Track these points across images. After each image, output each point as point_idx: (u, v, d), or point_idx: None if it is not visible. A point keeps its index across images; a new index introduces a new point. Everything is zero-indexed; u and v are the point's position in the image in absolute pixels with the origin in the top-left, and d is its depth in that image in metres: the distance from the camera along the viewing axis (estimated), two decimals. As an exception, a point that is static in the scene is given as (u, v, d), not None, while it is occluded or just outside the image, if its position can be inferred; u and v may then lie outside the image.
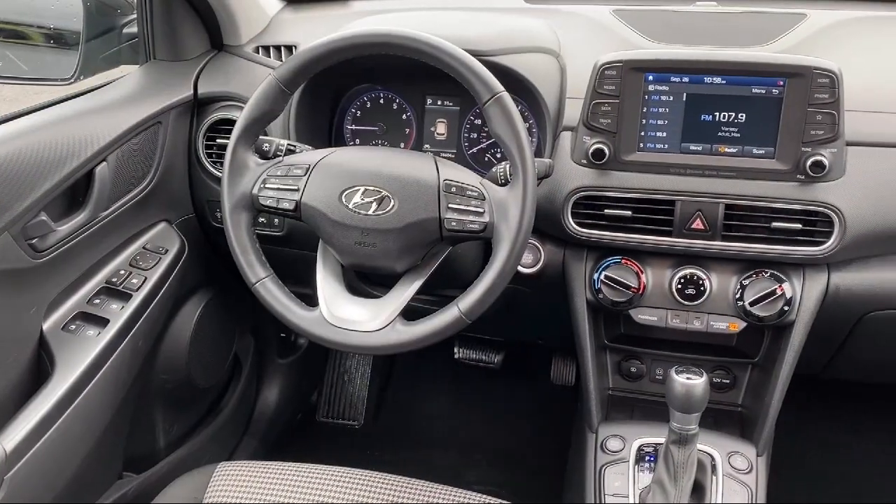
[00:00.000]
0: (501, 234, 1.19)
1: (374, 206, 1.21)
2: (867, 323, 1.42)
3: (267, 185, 1.26)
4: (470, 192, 1.20)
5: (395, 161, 1.25)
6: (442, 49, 1.19)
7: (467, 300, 1.20)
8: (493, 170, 1.26)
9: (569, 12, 1.64)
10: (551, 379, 2.13)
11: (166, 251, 1.57)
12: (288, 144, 1.33)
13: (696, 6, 1.64)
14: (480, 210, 1.20)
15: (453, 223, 1.20)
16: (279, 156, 1.31)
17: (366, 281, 1.58)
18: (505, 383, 2.34)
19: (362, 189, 1.22)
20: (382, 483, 1.22)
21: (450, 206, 1.20)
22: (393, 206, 1.20)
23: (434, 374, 2.40)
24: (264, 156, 1.32)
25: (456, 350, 2.19)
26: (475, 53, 1.23)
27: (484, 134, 1.59)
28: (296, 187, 1.25)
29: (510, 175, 1.21)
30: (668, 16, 1.61)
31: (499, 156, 1.59)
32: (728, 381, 1.55)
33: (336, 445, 2.27)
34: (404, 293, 1.25)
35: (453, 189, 1.21)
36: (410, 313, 1.26)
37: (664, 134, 1.33)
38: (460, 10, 1.69)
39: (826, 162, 1.26)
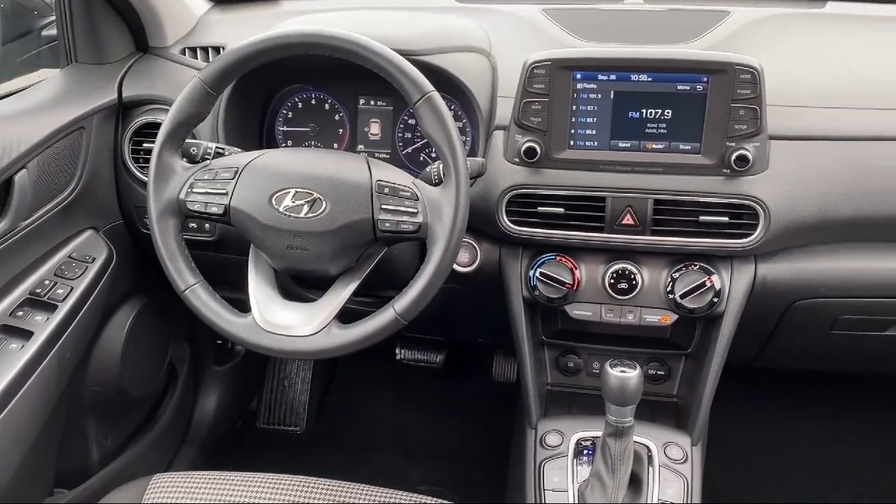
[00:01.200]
0: (435, 233, 1.19)
1: (305, 208, 1.20)
2: (794, 312, 1.46)
3: (194, 190, 1.23)
4: (403, 193, 1.20)
5: (326, 162, 1.24)
6: (371, 49, 1.18)
7: (403, 301, 1.20)
8: (427, 169, 1.26)
9: (499, 11, 1.65)
10: (493, 376, 2.14)
11: (93, 260, 1.52)
12: (216, 147, 1.30)
13: (624, 4, 1.67)
14: (414, 210, 1.19)
15: (387, 224, 1.19)
16: (207, 159, 1.29)
17: (301, 284, 1.56)
18: (448, 382, 2.34)
19: (293, 191, 1.20)
20: (322, 488, 1.20)
21: (383, 206, 1.19)
22: (325, 208, 1.19)
23: (376, 375, 2.39)
24: (192, 159, 1.29)
25: (398, 351, 2.19)
26: (405, 53, 1.23)
27: (418, 134, 1.59)
28: (224, 191, 1.22)
29: (443, 175, 1.21)
30: (597, 14, 1.63)
31: (434, 155, 1.59)
32: (663, 373, 1.57)
33: (278, 452, 2.24)
34: (339, 296, 1.24)
35: (386, 190, 1.20)
36: (347, 316, 1.25)
37: (594, 131, 1.35)
38: (391, 9, 1.69)
39: (750, 156, 1.29)
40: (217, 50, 1.62)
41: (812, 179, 1.34)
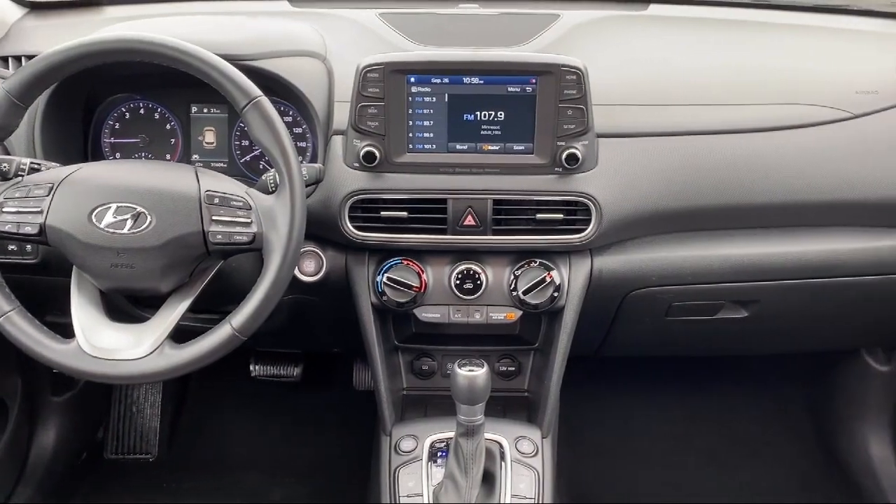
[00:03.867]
0: (271, 243, 1.15)
1: (128, 223, 1.13)
2: (630, 301, 1.52)
3: (4, 209, 1.14)
4: (235, 203, 1.16)
5: (150, 174, 1.18)
6: (192, 54, 1.14)
7: (240, 316, 1.16)
8: (263, 178, 1.23)
9: (335, 16, 1.63)
10: (353, 385, 2.11)
11: None
12: (31, 163, 1.21)
13: (460, 9, 1.69)
14: (247, 220, 1.16)
15: (219, 236, 1.15)
16: (21, 175, 1.20)
17: (136, 304, 1.48)
18: (308, 395, 2.29)
19: (114, 206, 1.14)
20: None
21: (213, 218, 1.15)
22: (150, 222, 1.13)
23: (231, 393, 2.31)
24: (4, 176, 1.19)
25: (252, 367, 2.12)
26: (232, 58, 1.20)
27: None
28: (38, 209, 1.14)
29: (278, 182, 1.17)
30: (432, 18, 1.64)
31: (273, 163, 1.55)
32: (514, 369, 1.61)
33: (129, 482, 2.12)
34: (171, 314, 1.18)
35: (216, 200, 1.16)
36: (184, 335, 1.20)
37: (431, 134, 1.36)
38: (220, 14, 1.63)
39: (579, 154, 1.33)
40: (31, 59, 1.51)
41: (641, 174, 1.40)
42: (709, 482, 2.11)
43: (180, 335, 1.20)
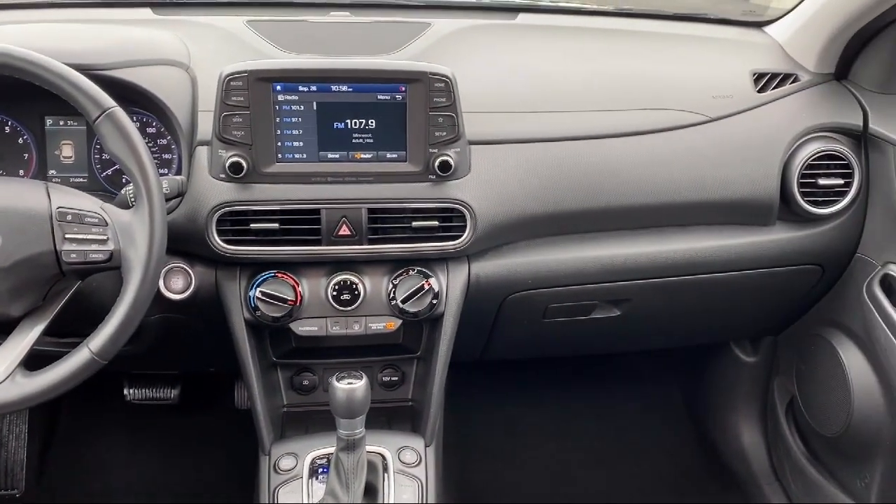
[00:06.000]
0: (130, 261, 1.10)
1: (-31, 245, 1.05)
2: (508, 305, 1.54)
3: None
4: (89, 219, 1.11)
5: None
6: (37, 63, 1.08)
7: (99, 339, 1.10)
8: (122, 192, 1.18)
9: (200, 24, 1.57)
10: (235, 405, 2.04)
11: None
12: None
13: (330, 17, 1.67)
14: (103, 237, 1.10)
15: (73, 255, 1.09)
16: None
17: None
18: (188, 417, 2.20)
19: None
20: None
21: (67, 236, 1.09)
22: None
23: (106, 419, 2.18)
24: None
25: (126, 391, 2.01)
26: (86, 67, 1.15)
27: None
28: None
29: (136, 197, 1.12)
30: (302, 26, 1.61)
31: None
32: (397, 379, 1.59)
33: (-7, 521, 1.97)
34: (23, 340, 1.11)
35: (69, 217, 1.10)
36: (42, 361, 1.12)
37: (301, 143, 1.33)
38: (77, 22, 1.55)
39: (452, 161, 1.34)
40: None
41: (512, 180, 1.42)
42: (593, 478, 2.16)
43: (38, 361, 1.12)
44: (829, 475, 1.80)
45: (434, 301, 1.41)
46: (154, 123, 1.45)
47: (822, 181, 1.55)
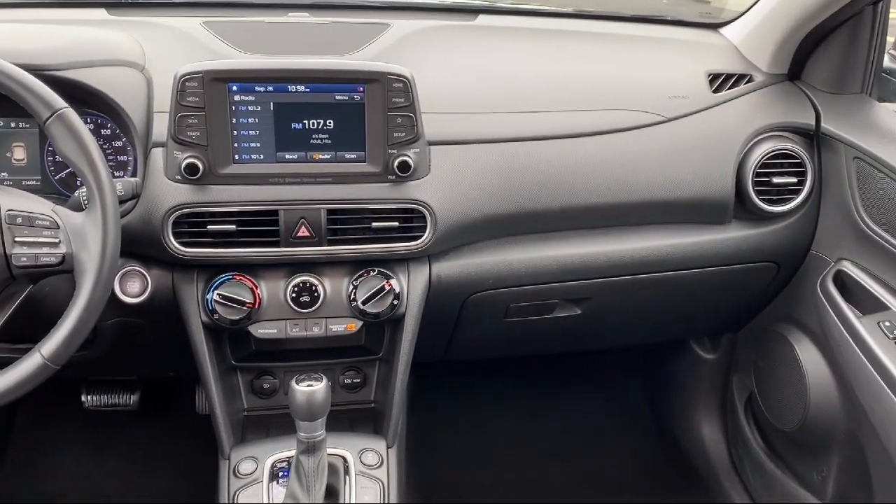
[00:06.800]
0: (83, 264, 1.09)
1: (-84, 250, 1.03)
2: (470, 305, 1.54)
3: None
4: (40, 222, 1.09)
5: None
6: None
7: (51, 343, 1.08)
8: (75, 194, 1.16)
9: (156, 24, 1.56)
10: (196, 410, 2.02)
11: None
12: None
13: (288, 17, 1.66)
14: (55, 240, 1.08)
15: (23, 259, 1.07)
16: None
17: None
18: (147, 423, 2.17)
19: None
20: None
21: (17, 239, 1.07)
22: None
23: (63, 428, 2.14)
24: None
25: (84, 397, 1.97)
26: (38, 68, 1.13)
27: None
28: None
29: (89, 199, 1.10)
30: (260, 27, 1.60)
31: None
32: (359, 380, 1.59)
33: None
34: (-28, 346, 1.08)
35: (19, 220, 1.08)
36: (-6, 366, 1.10)
37: (258, 144, 1.32)
38: (28, 22, 1.52)
39: (411, 162, 1.34)
40: None
41: (473, 180, 1.43)
42: (557, 477, 2.17)
43: (-11, 368, 1.10)
44: (787, 469, 1.83)
45: (395, 302, 1.41)
46: (109, 125, 1.43)
47: (776, 180, 1.58)
